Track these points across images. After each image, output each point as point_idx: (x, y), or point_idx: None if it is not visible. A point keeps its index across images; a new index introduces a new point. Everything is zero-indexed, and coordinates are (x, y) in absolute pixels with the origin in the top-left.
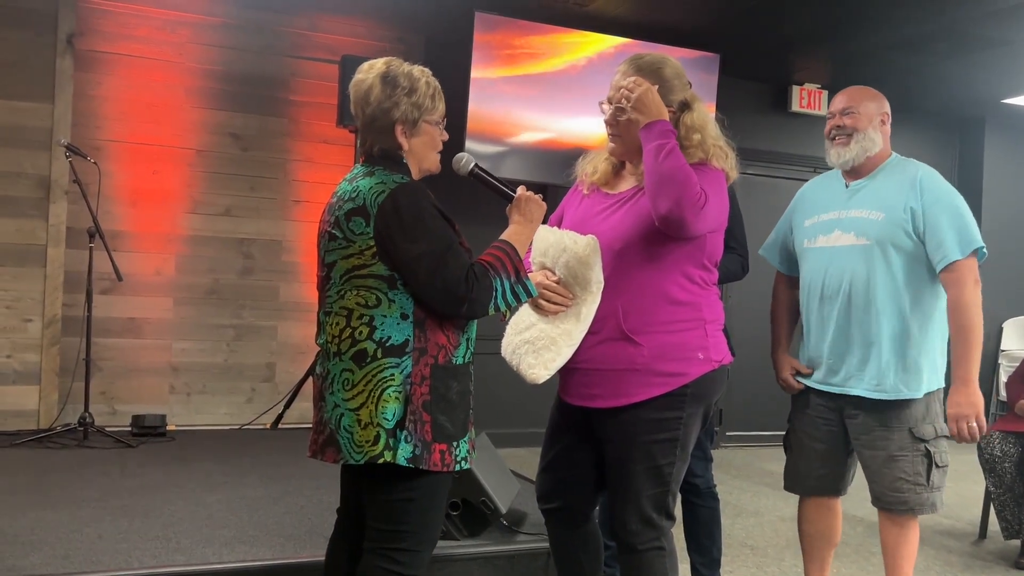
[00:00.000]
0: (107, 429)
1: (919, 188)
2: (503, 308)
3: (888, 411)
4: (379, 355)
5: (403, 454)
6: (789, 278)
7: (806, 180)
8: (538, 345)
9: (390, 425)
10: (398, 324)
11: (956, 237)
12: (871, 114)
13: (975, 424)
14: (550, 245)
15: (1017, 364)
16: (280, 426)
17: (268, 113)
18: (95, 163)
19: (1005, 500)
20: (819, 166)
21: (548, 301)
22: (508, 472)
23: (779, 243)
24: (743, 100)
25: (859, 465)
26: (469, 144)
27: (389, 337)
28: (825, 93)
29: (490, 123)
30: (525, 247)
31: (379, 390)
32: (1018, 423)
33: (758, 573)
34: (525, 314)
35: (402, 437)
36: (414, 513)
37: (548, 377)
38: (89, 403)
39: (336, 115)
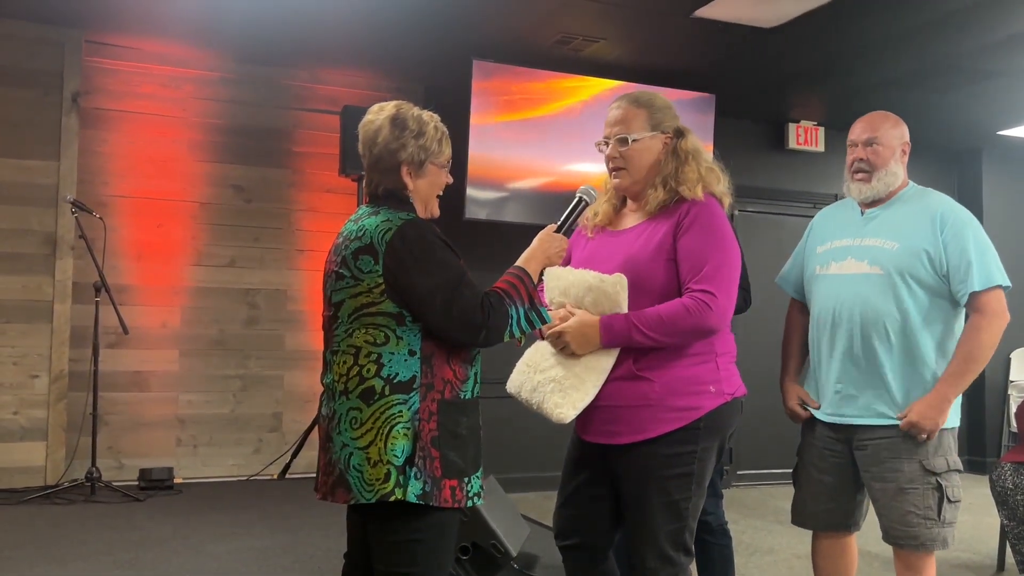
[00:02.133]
0: (114, 483)
1: (939, 222)
2: (518, 335)
3: (899, 441)
4: (387, 392)
5: (413, 491)
6: (803, 305)
7: (805, 216)
8: (565, 384)
9: (399, 462)
10: (406, 361)
11: (979, 270)
12: (893, 146)
13: (924, 437)
14: (571, 284)
15: None
16: (288, 476)
17: (271, 164)
18: (101, 218)
19: (1019, 533)
20: (818, 202)
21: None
22: (518, 515)
23: (795, 271)
24: (740, 139)
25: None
26: (470, 190)
27: (397, 374)
28: (821, 130)
29: (491, 168)
30: (536, 273)
31: (388, 427)
32: None
33: None
34: (545, 352)
35: (412, 474)
36: (423, 554)
37: (574, 416)
38: (96, 458)
39: (338, 164)
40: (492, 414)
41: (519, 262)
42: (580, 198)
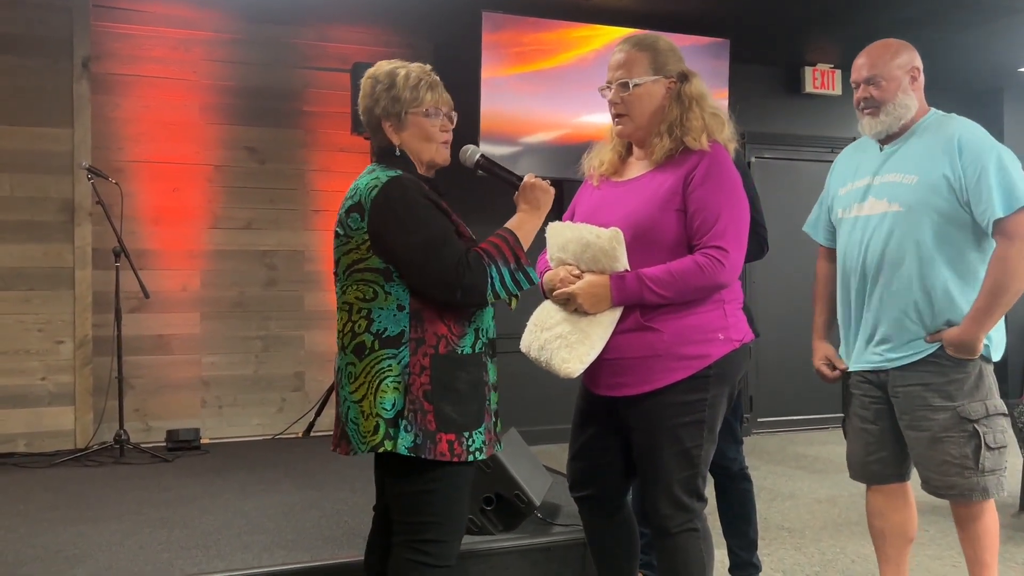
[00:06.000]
0: (142, 445)
1: (957, 148)
2: (503, 296)
3: (932, 385)
4: (376, 347)
5: (404, 443)
6: (832, 252)
7: (823, 161)
8: (571, 340)
9: (389, 415)
10: (394, 316)
11: (1002, 194)
12: (898, 77)
13: (966, 356)
14: (568, 240)
15: None
16: (312, 434)
17: (283, 125)
18: (117, 184)
19: None
20: (836, 146)
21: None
22: (540, 466)
23: (822, 217)
24: (755, 84)
25: None
26: (483, 144)
27: (385, 329)
28: (839, 72)
29: (503, 122)
30: (531, 235)
31: (377, 381)
32: None
33: (797, 555)
34: (551, 310)
35: (402, 427)
36: (436, 504)
37: (582, 371)
38: (123, 421)
39: (350, 123)
40: (512, 369)
41: (509, 223)
42: (477, 160)
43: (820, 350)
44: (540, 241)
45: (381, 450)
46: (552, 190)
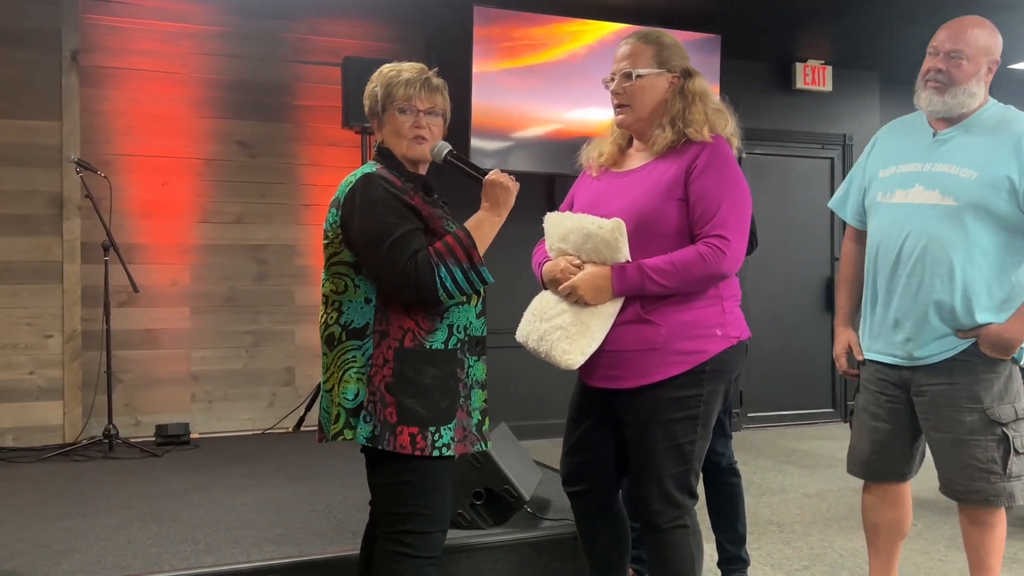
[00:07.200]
0: (132, 440)
1: None
2: (457, 295)
3: (960, 385)
4: (343, 338)
5: (362, 433)
6: (861, 234)
7: (813, 157)
8: (572, 331)
9: (350, 405)
10: (361, 308)
11: None
12: (980, 62)
13: (1001, 355)
14: (569, 231)
15: None
16: (302, 429)
17: (274, 119)
18: (106, 177)
19: None
20: (827, 142)
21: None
22: (530, 460)
23: (853, 195)
24: (746, 80)
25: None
26: (475, 140)
27: (352, 321)
28: (829, 69)
29: (495, 117)
30: (490, 233)
31: (342, 372)
32: None
33: (785, 549)
34: (551, 300)
35: (362, 417)
36: (410, 496)
37: (583, 362)
38: (113, 415)
39: (341, 117)
40: (504, 363)
41: (468, 222)
42: (445, 156)
43: (843, 336)
44: (530, 234)
45: (341, 439)
46: (515, 187)
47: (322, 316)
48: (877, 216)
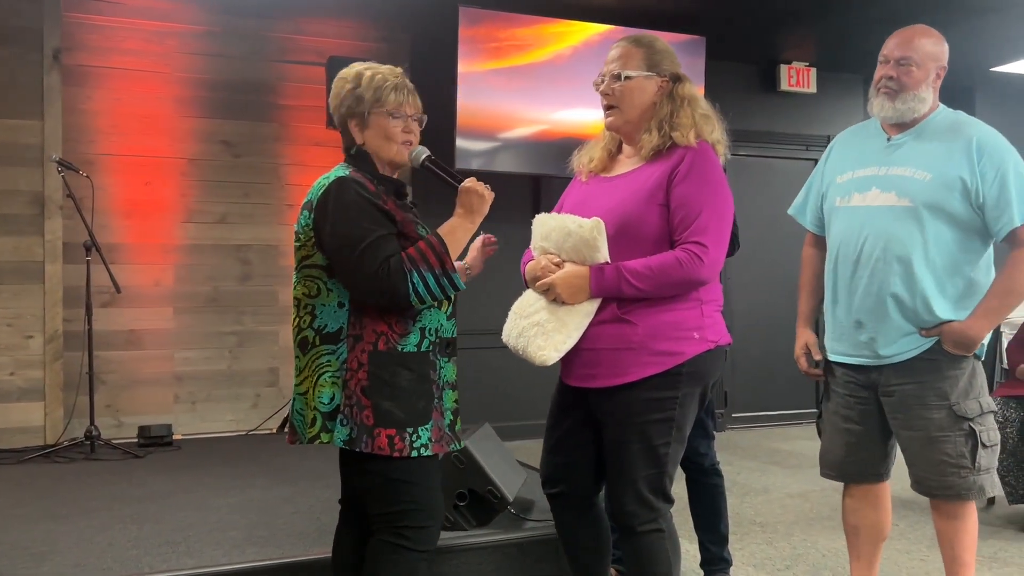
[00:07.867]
0: (114, 441)
1: (976, 150)
2: (429, 300)
3: (927, 383)
4: (317, 342)
5: (340, 436)
6: (819, 239)
7: (798, 159)
8: (547, 328)
9: (326, 409)
10: (334, 312)
11: (1020, 203)
12: (928, 68)
13: (963, 352)
14: (552, 229)
15: (1017, 330)
16: (286, 429)
17: (258, 119)
18: (88, 177)
19: (1008, 465)
20: (811, 144)
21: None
22: (514, 461)
23: (811, 201)
24: (731, 82)
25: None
26: (460, 141)
27: (325, 325)
28: (814, 71)
29: (481, 118)
30: (463, 239)
31: (316, 375)
32: (1019, 387)
33: (768, 549)
34: (531, 298)
35: (339, 420)
36: (405, 492)
37: (557, 359)
38: (94, 416)
39: (325, 117)
40: (487, 364)
41: (441, 228)
42: (422, 161)
43: (802, 337)
44: (516, 234)
45: (318, 442)
46: (490, 196)
47: (295, 320)
48: (836, 220)
